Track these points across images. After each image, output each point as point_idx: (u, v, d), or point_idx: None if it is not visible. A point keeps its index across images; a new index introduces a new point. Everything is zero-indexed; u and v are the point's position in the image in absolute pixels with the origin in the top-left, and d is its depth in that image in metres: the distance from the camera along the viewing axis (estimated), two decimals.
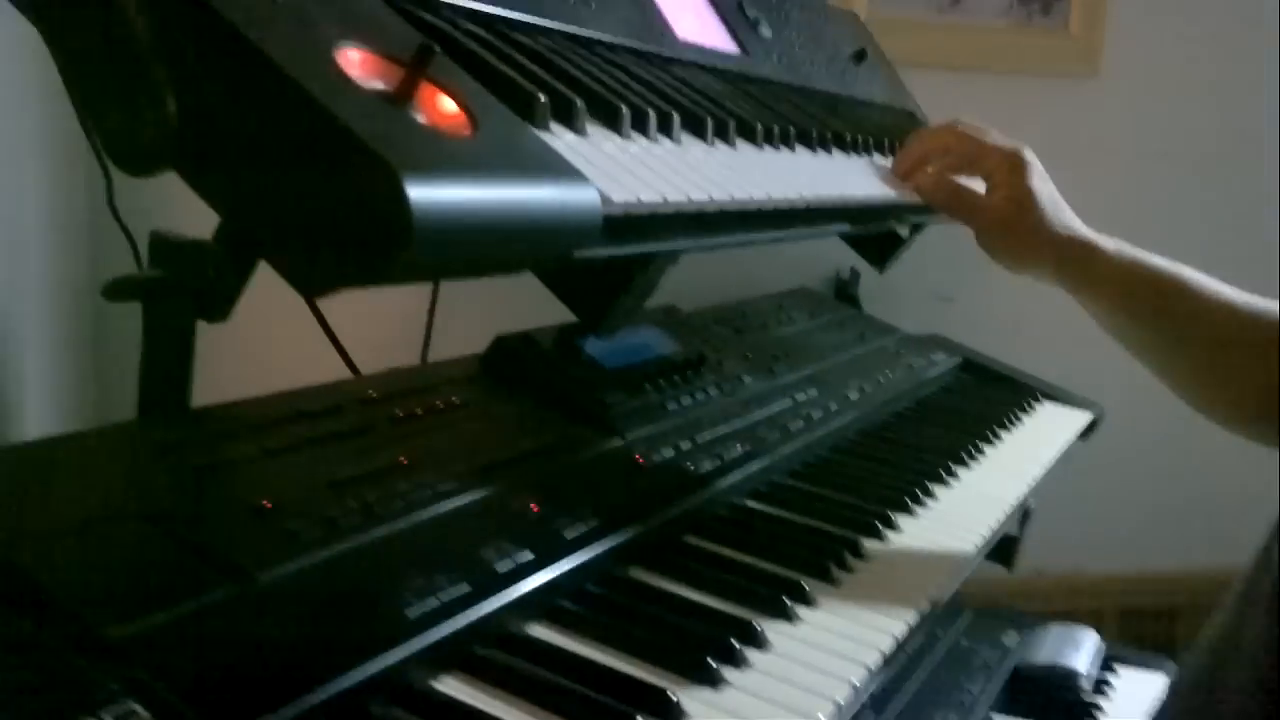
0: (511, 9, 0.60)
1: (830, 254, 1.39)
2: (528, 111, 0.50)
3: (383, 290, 0.39)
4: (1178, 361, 0.90)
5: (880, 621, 0.64)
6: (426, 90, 0.44)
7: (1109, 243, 0.90)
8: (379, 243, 0.36)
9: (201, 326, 0.66)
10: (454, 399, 0.78)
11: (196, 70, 0.39)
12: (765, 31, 0.97)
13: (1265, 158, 1.67)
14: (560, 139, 0.51)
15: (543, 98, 0.50)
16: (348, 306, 0.62)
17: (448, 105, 0.44)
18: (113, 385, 1.04)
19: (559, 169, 0.45)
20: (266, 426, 0.68)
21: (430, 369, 0.85)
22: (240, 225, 0.39)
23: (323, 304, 0.90)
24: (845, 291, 1.48)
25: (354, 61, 0.42)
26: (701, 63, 0.81)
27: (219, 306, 0.64)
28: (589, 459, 0.76)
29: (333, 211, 0.37)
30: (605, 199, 0.47)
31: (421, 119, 0.42)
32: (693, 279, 1.31)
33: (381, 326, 1.02)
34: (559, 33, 0.65)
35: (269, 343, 1.06)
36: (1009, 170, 0.88)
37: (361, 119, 0.37)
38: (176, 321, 0.68)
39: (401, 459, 0.67)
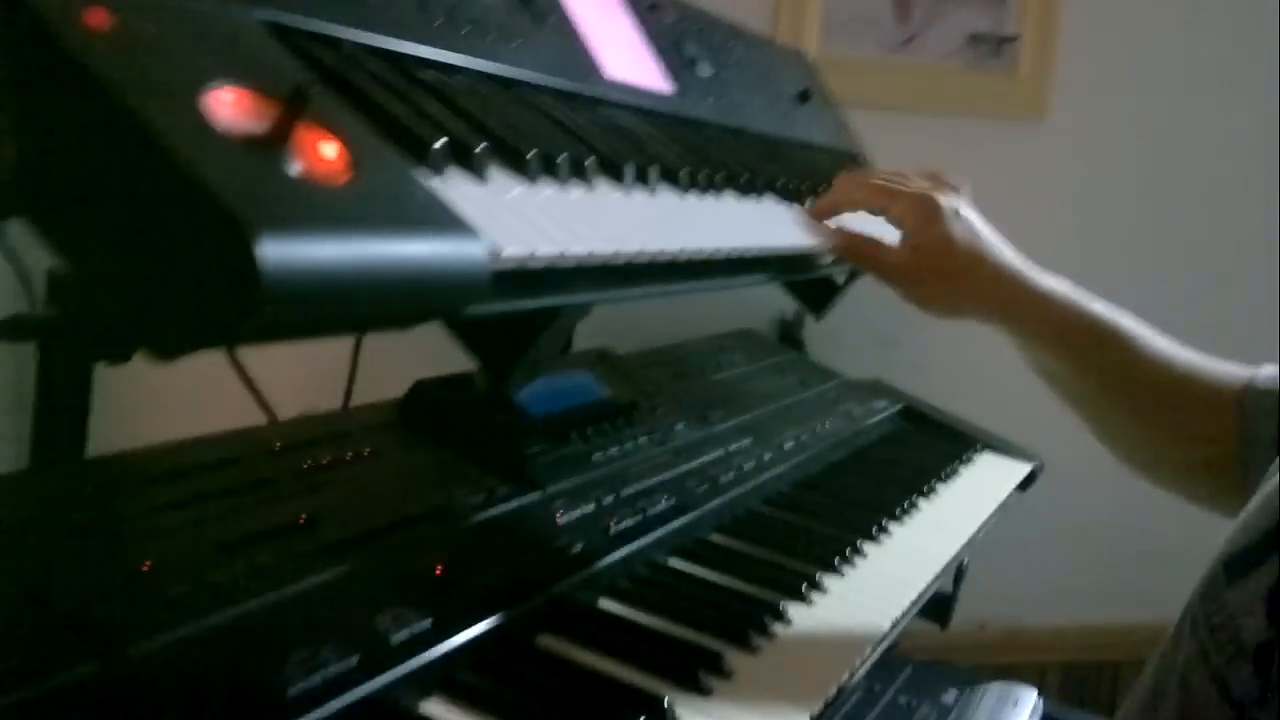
0: (421, 45, 0.57)
1: (775, 295, 1.37)
2: (421, 155, 0.47)
3: None
4: (1111, 414, 0.89)
5: (799, 695, 0.61)
6: (306, 133, 0.41)
7: (1047, 280, 0.86)
8: (227, 304, 0.33)
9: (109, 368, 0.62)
10: (365, 449, 0.75)
11: (42, 110, 0.36)
12: (703, 70, 0.95)
13: (1209, 200, 1.68)
14: (456, 186, 0.48)
15: (438, 141, 0.47)
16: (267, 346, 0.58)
17: (328, 150, 0.41)
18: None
19: (443, 220, 0.42)
20: (161, 479, 0.64)
21: (344, 416, 0.81)
22: (87, 280, 0.35)
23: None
24: (790, 334, 1.46)
25: (226, 102, 0.39)
26: (630, 103, 0.79)
27: (121, 347, 0.60)
28: (503, 515, 0.73)
29: (180, 269, 0.34)
30: (494, 253, 0.44)
31: (295, 165, 0.39)
32: (630, 319, 1.29)
33: (303, 367, 0.98)
34: (474, 71, 0.62)
35: (182, 384, 1.02)
36: (917, 218, 0.84)
37: (214, 167, 0.34)
38: (74, 364, 0.64)
39: (301, 516, 0.64)
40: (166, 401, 0.98)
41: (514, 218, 0.48)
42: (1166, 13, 1.63)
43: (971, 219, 0.86)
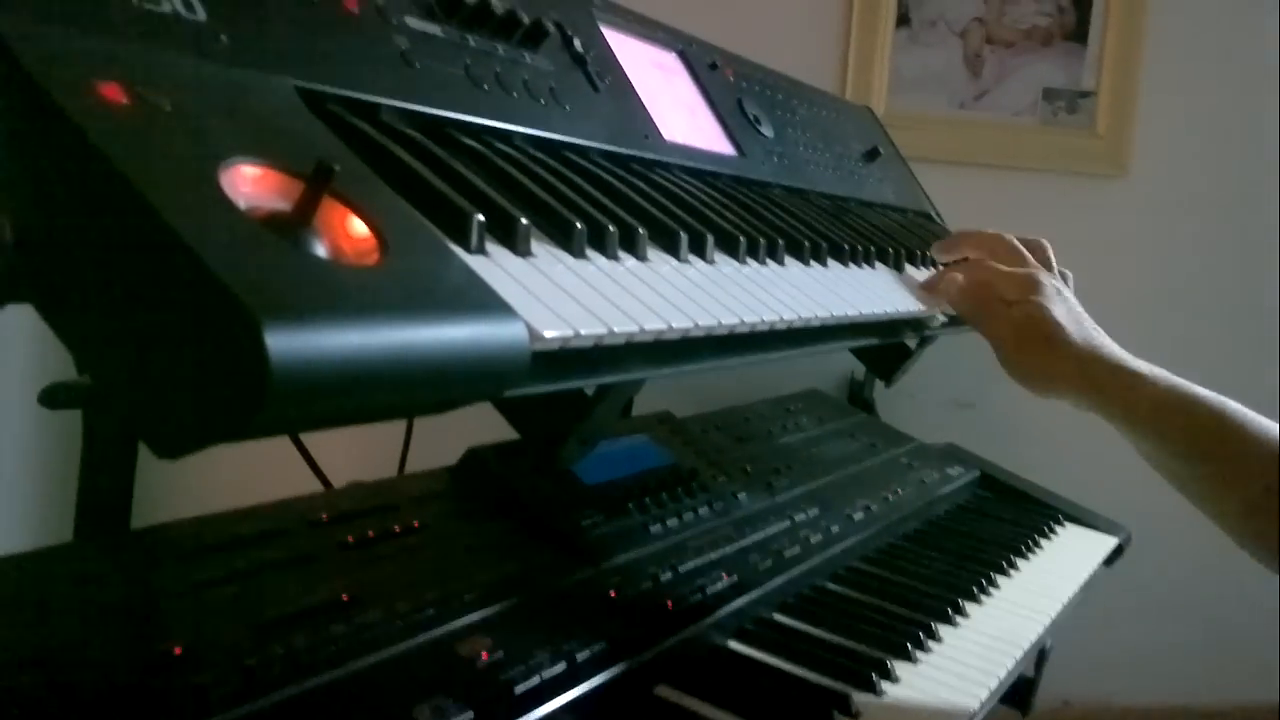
0: (465, 113, 0.55)
1: (844, 354, 1.33)
2: (460, 231, 0.44)
3: None
4: (1221, 502, 0.83)
5: None
6: (333, 211, 0.39)
7: (1140, 364, 0.83)
8: (235, 399, 0.31)
9: None
10: (414, 520, 0.73)
11: (47, 190, 0.34)
12: (766, 130, 0.92)
13: None
14: (498, 262, 0.45)
15: (478, 215, 0.45)
16: None
17: (357, 228, 0.39)
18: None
19: (480, 301, 0.40)
20: (202, 553, 0.63)
21: (394, 484, 0.79)
22: (92, 373, 0.33)
23: None
24: (859, 394, 1.41)
25: (248, 178, 0.37)
26: (689, 166, 0.76)
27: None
28: (554, 592, 0.70)
29: (186, 360, 0.31)
30: (535, 334, 0.41)
31: (320, 246, 0.37)
32: (693, 380, 1.26)
33: (359, 430, 0.97)
34: (525, 137, 0.60)
35: (237, 449, 1.01)
36: (1021, 287, 0.85)
37: (224, 249, 0.32)
38: (119, 431, 0.63)
39: (343, 595, 0.61)
40: (220, 467, 0.97)
41: (558, 295, 0.46)
42: (1247, 66, 1.56)
43: (1071, 300, 0.87)
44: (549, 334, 0.42)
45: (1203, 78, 1.54)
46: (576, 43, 0.68)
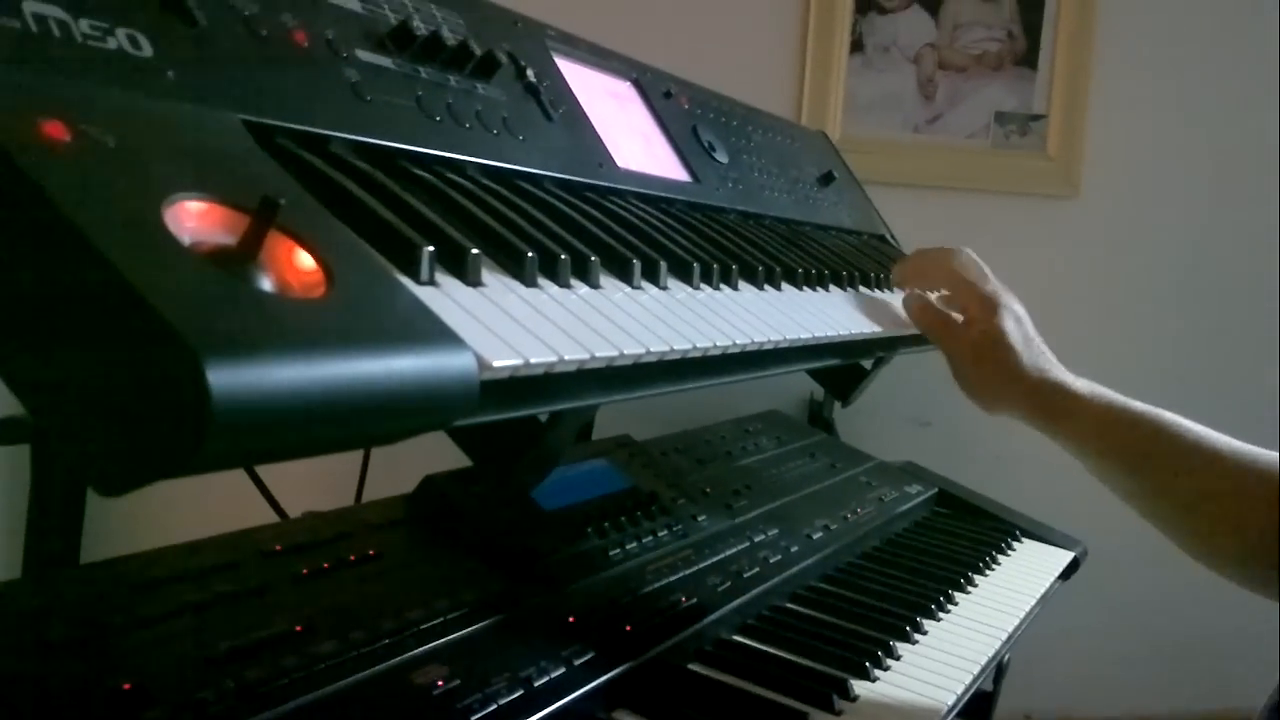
0: (416, 144, 0.56)
1: (802, 375, 1.35)
2: (410, 263, 0.45)
3: None
4: (1161, 509, 0.85)
5: None
6: (279, 245, 0.39)
7: (1082, 385, 0.88)
8: (178, 435, 0.31)
9: None
10: (369, 549, 0.72)
11: None
12: (721, 156, 0.93)
13: (1247, 277, 1.63)
14: (449, 293, 0.46)
15: (427, 246, 0.45)
16: None
17: (304, 261, 0.39)
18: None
19: (427, 332, 0.40)
20: (154, 586, 0.62)
21: (350, 513, 0.78)
22: (34, 410, 0.33)
23: None
24: (819, 415, 1.42)
25: (192, 214, 0.37)
26: (644, 192, 0.77)
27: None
28: (512, 619, 0.70)
29: (128, 397, 0.32)
30: (484, 363, 0.41)
31: (265, 280, 0.37)
32: (652, 404, 1.27)
33: (315, 461, 0.96)
34: (475, 166, 0.61)
35: (190, 483, 1.00)
36: (981, 307, 0.88)
37: (165, 284, 0.32)
38: (68, 467, 0.63)
39: (297, 626, 0.61)
40: (174, 499, 0.96)
41: (509, 324, 0.46)
42: (1194, 87, 1.60)
43: (1026, 323, 0.90)
44: (498, 363, 0.42)
45: (1151, 99, 1.58)
46: (530, 73, 0.69)
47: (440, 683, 0.60)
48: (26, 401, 0.33)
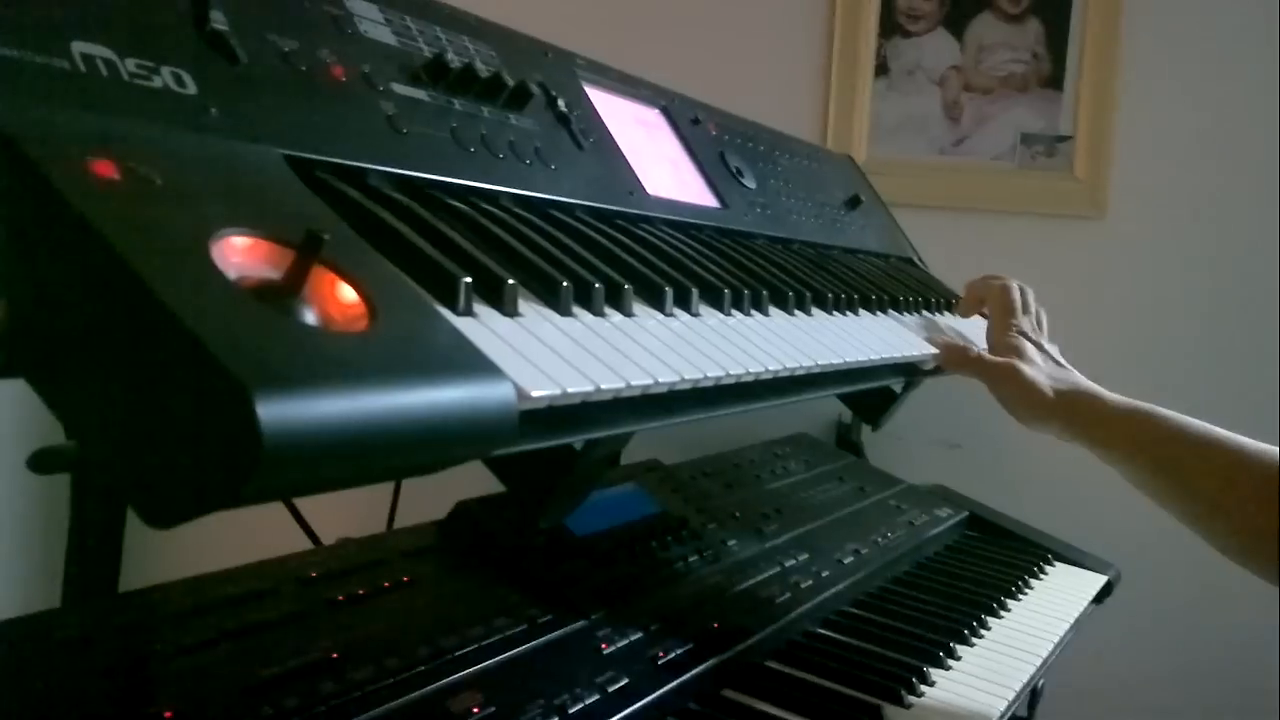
0: (451, 175, 0.56)
1: (831, 398, 1.34)
2: (448, 294, 0.45)
3: None
4: (1194, 512, 0.85)
5: None
6: (323, 278, 0.40)
7: (1113, 396, 0.89)
8: (228, 468, 0.31)
9: None
10: (403, 576, 0.73)
11: (40, 266, 0.35)
12: (749, 182, 0.93)
13: (1276, 298, 1.62)
14: (486, 323, 0.46)
15: (465, 278, 0.46)
16: None
17: (347, 295, 0.40)
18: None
19: (467, 363, 0.40)
20: (191, 615, 0.63)
21: (382, 540, 0.79)
22: (83, 444, 0.34)
23: None
24: (847, 438, 1.42)
25: (238, 249, 0.38)
26: (674, 219, 0.77)
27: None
28: (545, 645, 0.70)
29: (178, 432, 0.32)
30: (523, 394, 0.42)
31: (310, 314, 0.37)
32: (681, 428, 1.27)
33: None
34: (509, 196, 0.61)
35: (228, 511, 1.01)
36: (1006, 350, 0.93)
37: (214, 320, 0.32)
38: (107, 496, 0.64)
39: (333, 653, 0.61)
40: (210, 527, 0.97)
41: (545, 354, 0.46)
42: (1223, 107, 1.59)
43: (1047, 347, 0.95)
44: (536, 394, 0.43)
45: (1178, 119, 1.57)
46: (561, 102, 0.70)
47: (475, 709, 0.60)
48: (77, 435, 0.34)
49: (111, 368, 0.33)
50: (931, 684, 0.81)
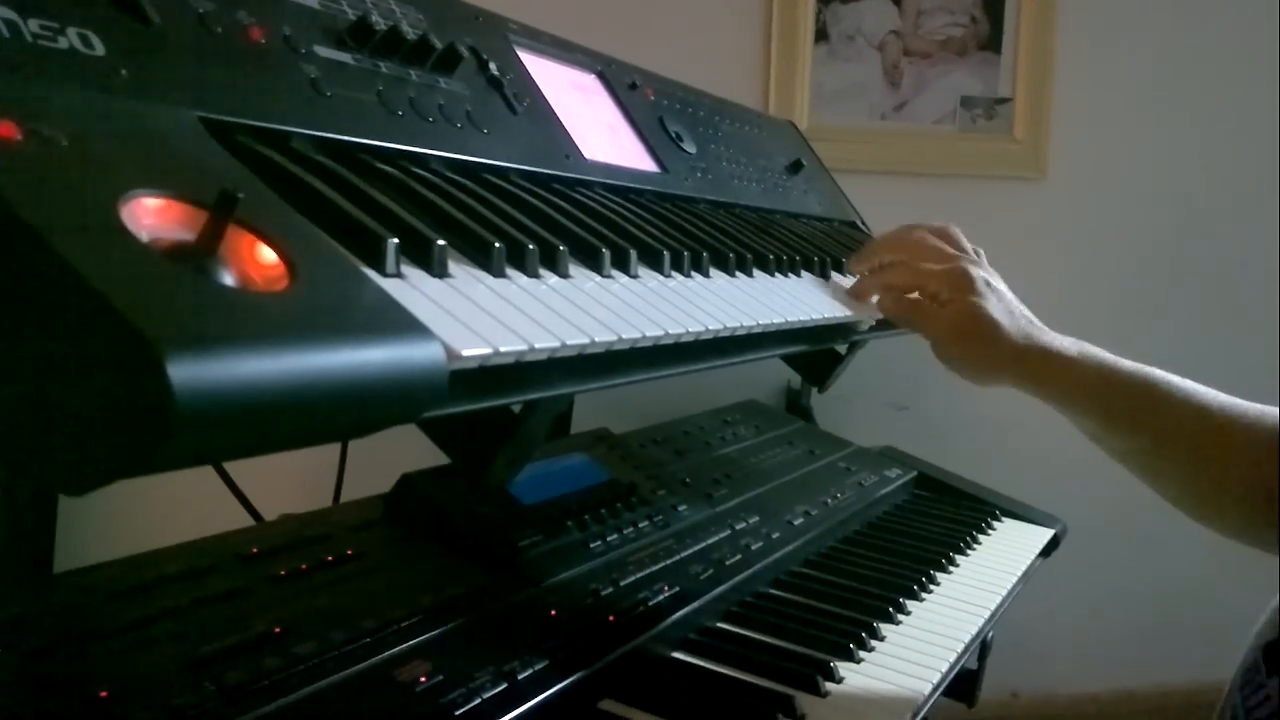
0: (379, 139, 0.55)
1: (779, 364, 1.35)
2: (374, 256, 0.45)
3: None
4: (1158, 466, 0.86)
5: None
6: (240, 239, 0.39)
7: (1071, 346, 0.86)
8: (141, 431, 0.30)
9: None
10: (347, 549, 0.72)
11: None
12: (689, 147, 0.93)
13: (1213, 256, 1.65)
14: (415, 285, 0.46)
15: (391, 239, 0.45)
16: None
17: (266, 256, 0.39)
18: None
19: (394, 323, 0.40)
20: (129, 593, 0.61)
21: (326, 515, 0.78)
22: None
23: None
24: (796, 403, 1.43)
25: (150, 210, 0.37)
26: (612, 183, 0.77)
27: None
28: (494, 614, 0.70)
29: (91, 395, 0.31)
30: (453, 353, 0.41)
31: (227, 275, 0.37)
32: (630, 397, 1.26)
33: (290, 462, 0.96)
34: (440, 160, 0.60)
35: (166, 488, 0.99)
36: (952, 287, 0.86)
37: (123, 281, 0.31)
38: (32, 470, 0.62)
39: (276, 628, 0.61)
40: (148, 506, 0.96)
41: (477, 314, 0.46)
42: (1160, 67, 1.62)
43: (1001, 289, 0.88)
44: (467, 352, 0.42)
45: (1115, 80, 1.59)
46: (492, 66, 0.69)
47: (423, 679, 0.60)
48: None
49: (19, 331, 0.32)
50: (882, 639, 0.82)
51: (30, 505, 0.59)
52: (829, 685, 0.73)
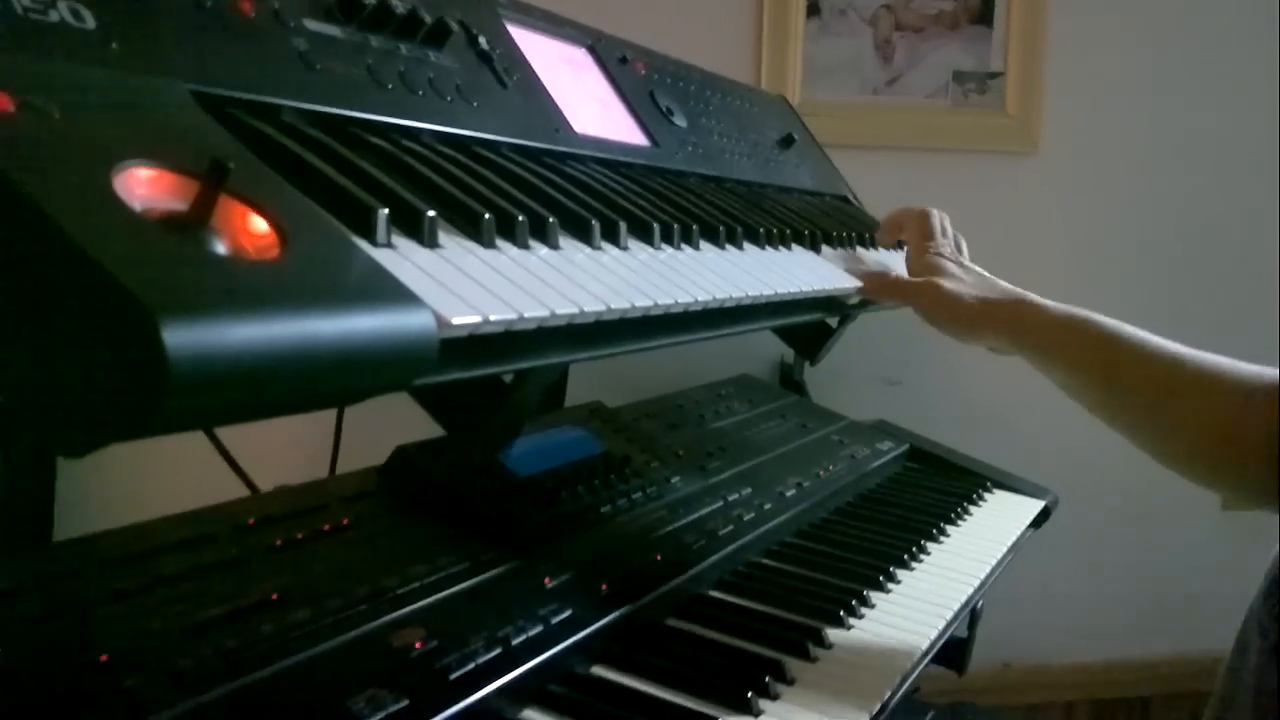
0: (368, 112, 0.56)
1: (773, 338, 1.36)
2: (365, 226, 0.45)
3: None
4: (1127, 414, 0.88)
5: None
6: (232, 209, 0.39)
7: (1047, 301, 0.90)
8: (134, 394, 0.31)
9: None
10: (343, 520, 0.73)
11: None
12: (680, 121, 0.94)
13: (1204, 231, 1.66)
14: (406, 255, 0.46)
15: (382, 209, 0.46)
16: None
17: (257, 225, 0.40)
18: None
19: (384, 291, 0.40)
20: (128, 561, 0.62)
21: (323, 485, 0.79)
22: None
23: None
24: (790, 377, 1.44)
25: (142, 181, 0.38)
26: (602, 157, 0.77)
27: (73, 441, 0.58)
28: (488, 583, 0.71)
29: (86, 359, 0.32)
30: (443, 321, 0.42)
31: (219, 244, 0.37)
32: (624, 371, 1.27)
33: (286, 435, 0.97)
34: (430, 133, 0.61)
35: (163, 460, 1.00)
36: (923, 253, 0.93)
37: (118, 249, 0.32)
38: (36, 444, 0.63)
39: (273, 595, 0.62)
40: (146, 477, 0.97)
41: (467, 284, 0.47)
42: (1152, 41, 1.62)
43: (966, 264, 0.94)
44: (457, 320, 0.43)
45: (1108, 54, 1.59)
46: (482, 40, 0.69)
47: (418, 644, 0.61)
48: None
49: (16, 300, 0.33)
50: (872, 606, 0.83)
51: (30, 472, 0.60)
52: (819, 650, 0.74)
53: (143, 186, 0.38)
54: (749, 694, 0.65)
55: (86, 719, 0.48)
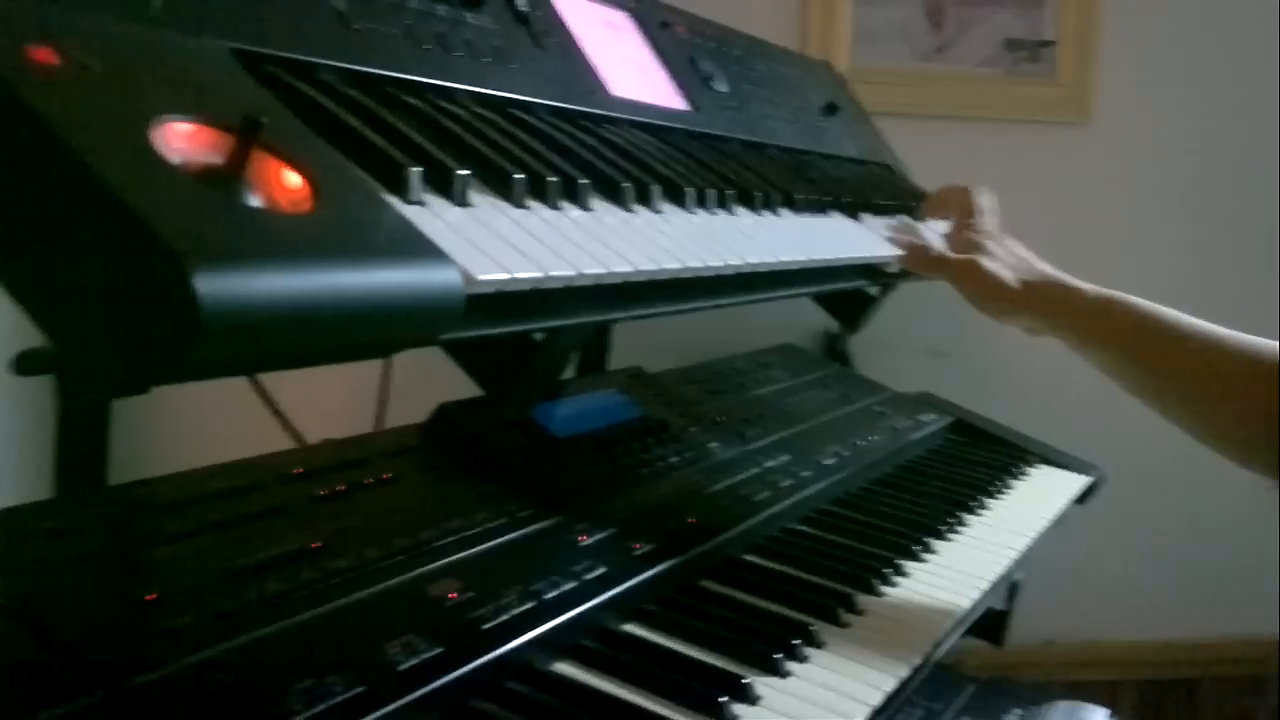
0: (405, 72, 0.57)
1: (818, 309, 1.36)
2: (397, 183, 0.46)
3: None
4: (1165, 392, 0.87)
5: None
6: (266, 163, 0.41)
7: (1084, 284, 0.90)
8: (171, 339, 0.33)
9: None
10: (385, 473, 0.75)
11: None
12: (720, 86, 0.93)
13: (1260, 201, 1.61)
14: (436, 212, 0.47)
15: (414, 167, 0.47)
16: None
17: (291, 180, 0.41)
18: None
19: (412, 246, 0.42)
20: (176, 507, 0.65)
21: (367, 440, 0.81)
22: (40, 325, 0.35)
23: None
24: (834, 348, 1.43)
25: (180, 135, 0.39)
26: (638, 120, 0.78)
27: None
28: (524, 538, 0.72)
29: (126, 306, 0.34)
30: (469, 278, 0.43)
31: (253, 197, 0.39)
32: (667, 337, 1.28)
33: (335, 391, 0.99)
34: (465, 94, 0.62)
35: (213, 411, 1.03)
36: (967, 247, 0.93)
37: (155, 200, 0.34)
38: (90, 395, 0.66)
39: (314, 543, 0.64)
40: (198, 428, 1.00)
41: (495, 242, 0.48)
42: (1210, 9, 1.57)
43: (1009, 244, 0.94)
44: (484, 277, 0.44)
45: (1162, 22, 1.55)
46: (519, 2, 0.70)
47: (453, 595, 0.62)
48: (34, 316, 0.35)
49: (60, 250, 0.35)
50: (906, 575, 0.83)
51: (83, 418, 0.62)
52: (850, 616, 0.74)
53: (180, 140, 0.39)
54: (777, 655, 0.66)
55: (134, 654, 0.50)
